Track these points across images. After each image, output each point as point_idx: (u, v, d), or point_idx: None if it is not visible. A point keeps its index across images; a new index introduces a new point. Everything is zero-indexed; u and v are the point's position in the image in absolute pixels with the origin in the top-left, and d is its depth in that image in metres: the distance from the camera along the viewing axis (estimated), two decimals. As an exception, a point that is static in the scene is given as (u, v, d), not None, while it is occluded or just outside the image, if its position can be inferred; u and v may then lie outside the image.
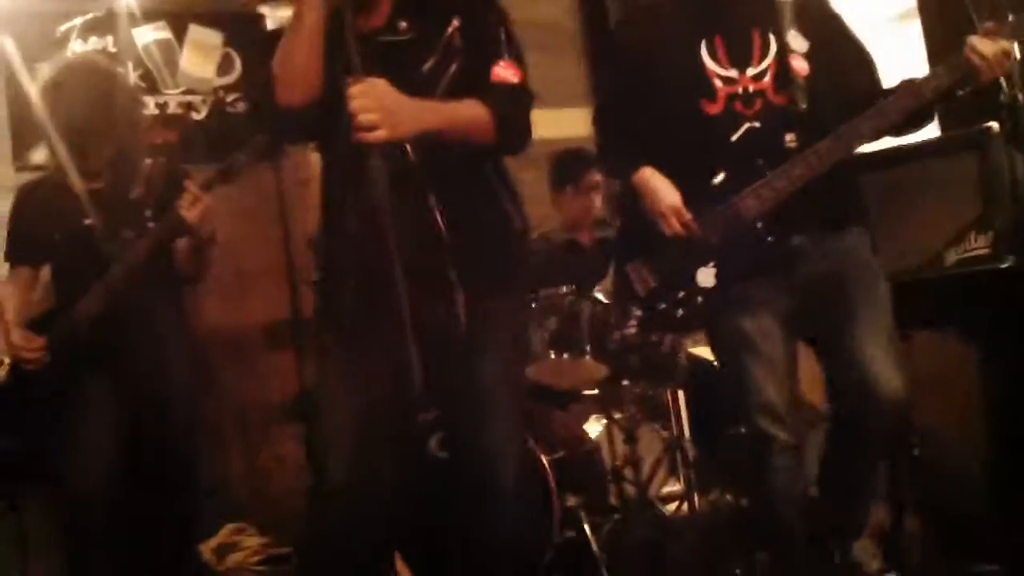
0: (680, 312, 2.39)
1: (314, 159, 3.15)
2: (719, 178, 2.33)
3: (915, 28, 3.51)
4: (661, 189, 2.36)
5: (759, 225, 2.30)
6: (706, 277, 2.34)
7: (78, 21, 4.15)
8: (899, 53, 2.46)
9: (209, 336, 4.10)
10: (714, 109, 2.32)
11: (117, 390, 2.85)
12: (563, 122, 5.04)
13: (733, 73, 2.31)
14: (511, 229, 2.10)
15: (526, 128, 2.04)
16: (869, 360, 2.24)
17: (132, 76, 4.20)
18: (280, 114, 1.95)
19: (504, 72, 1.99)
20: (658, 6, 2.48)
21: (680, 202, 2.34)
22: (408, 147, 1.92)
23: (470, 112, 1.94)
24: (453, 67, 1.98)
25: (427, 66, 1.97)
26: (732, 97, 2.31)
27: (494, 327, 2.00)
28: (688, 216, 2.33)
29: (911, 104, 2.19)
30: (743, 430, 2.44)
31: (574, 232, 4.06)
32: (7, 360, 3.02)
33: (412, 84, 1.88)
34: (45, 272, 3.10)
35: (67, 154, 2.90)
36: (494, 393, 2.01)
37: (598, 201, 4.03)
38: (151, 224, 2.85)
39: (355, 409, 1.98)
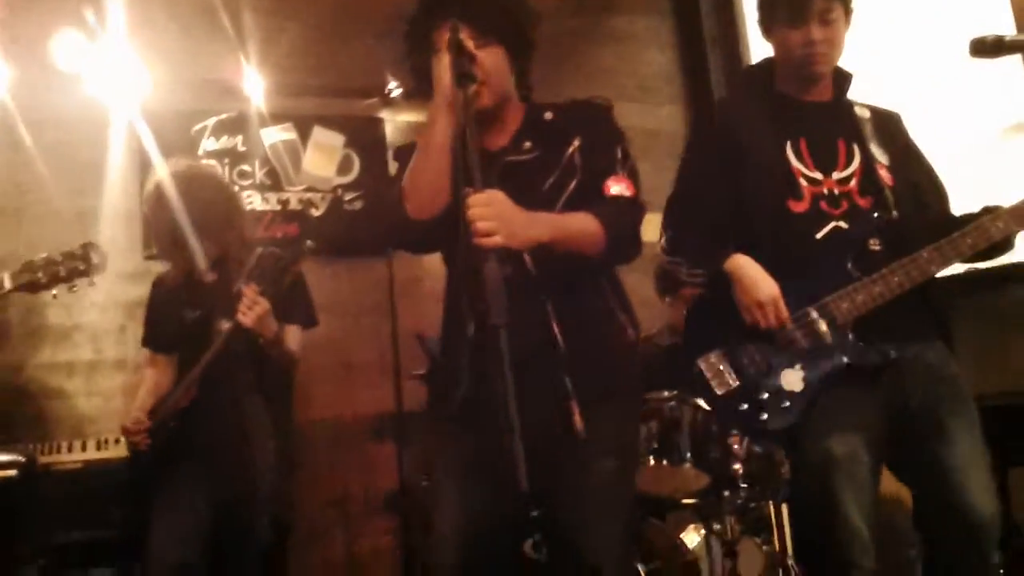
0: (763, 416, 2.26)
1: (425, 258, 3.25)
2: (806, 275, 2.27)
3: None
4: (760, 279, 2.26)
5: (850, 332, 2.24)
6: (793, 380, 2.24)
7: (211, 121, 4.43)
8: (1010, 167, 2.41)
9: (317, 425, 4.21)
10: (800, 207, 2.29)
11: (201, 480, 2.92)
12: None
13: (818, 175, 2.31)
14: (624, 338, 2.15)
15: (636, 239, 2.11)
16: (965, 487, 2.16)
17: (258, 173, 4.44)
18: (412, 227, 2.05)
19: (617, 186, 2.08)
20: (747, 104, 2.50)
21: (779, 294, 2.24)
22: (527, 257, 2.00)
23: (582, 224, 2.01)
24: (572, 184, 2.07)
25: (548, 183, 2.06)
26: (818, 197, 2.29)
27: (605, 433, 2.00)
28: (785, 311, 2.24)
29: (1016, 227, 2.16)
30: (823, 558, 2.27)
31: (678, 337, 4.04)
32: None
33: (534, 200, 1.97)
34: None
35: (171, 252, 3.08)
36: (602, 496, 2.01)
37: None
38: None
39: (465, 501, 2.03)
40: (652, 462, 3.35)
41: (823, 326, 2.23)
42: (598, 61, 5.23)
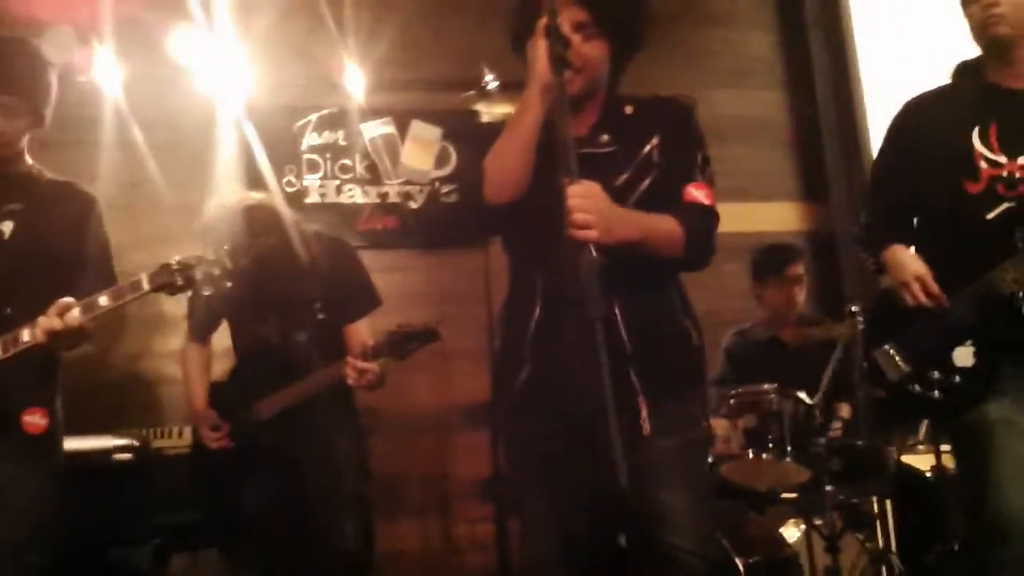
0: (936, 394, 2.28)
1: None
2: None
3: None
4: (907, 260, 2.37)
5: (1021, 296, 2.19)
6: (964, 357, 2.25)
7: (313, 116, 4.53)
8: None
9: (415, 412, 4.29)
10: (975, 188, 2.30)
11: (284, 482, 3.04)
12: (767, 215, 5.00)
13: (1002, 158, 2.29)
14: (689, 343, 2.14)
15: (711, 248, 2.10)
16: None
17: (359, 167, 4.54)
18: (487, 210, 2.05)
19: (697, 193, 2.07)
20: (943, 93, 2.49)
21: (925, 271, 2.31)
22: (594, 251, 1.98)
23: (666, 226, 2.01)
24: (646, 182, 2.06)
25: (621, 179, 2.05)
26: (995, 179, 2.28)
27: (670, 427, 2.02)
28: (935, 286, 2.29)
29: None
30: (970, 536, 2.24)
31: (776, 328, 3.96)
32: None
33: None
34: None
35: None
36: (671, 473, 2.01)
37: (800, 295, 3.93)
38: (321, 316, 3.10)
39: (552, 495, 2.06)
40: (751, 455, 3.31)
41: (988, 297, 2.21)
42: (695, 42, 5.10)
